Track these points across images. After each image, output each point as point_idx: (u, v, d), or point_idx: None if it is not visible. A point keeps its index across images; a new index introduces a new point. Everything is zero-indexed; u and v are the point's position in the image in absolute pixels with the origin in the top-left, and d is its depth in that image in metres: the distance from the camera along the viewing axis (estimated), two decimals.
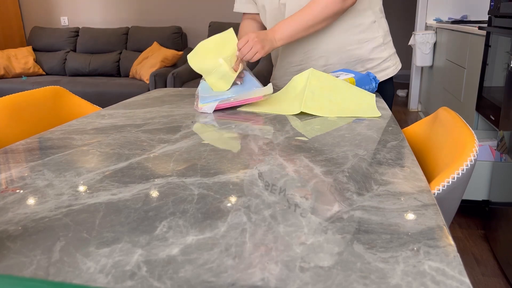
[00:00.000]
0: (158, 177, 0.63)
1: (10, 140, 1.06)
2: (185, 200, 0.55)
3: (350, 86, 1.05)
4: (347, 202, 0.53)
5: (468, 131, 0.71)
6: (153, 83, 3.42)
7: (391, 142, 0.78)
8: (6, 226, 0.49)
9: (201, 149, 0.76)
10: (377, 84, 1.23)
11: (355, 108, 0.99)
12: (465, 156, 0.64)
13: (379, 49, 1.24)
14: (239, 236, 0.45)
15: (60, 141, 0.84)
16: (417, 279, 0.37)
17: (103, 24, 4.39)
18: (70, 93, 1.31)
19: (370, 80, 1.20)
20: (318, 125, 0.91)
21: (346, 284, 0.37)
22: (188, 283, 0.37)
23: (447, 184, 0.61)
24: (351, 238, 0.44)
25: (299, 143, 0.79)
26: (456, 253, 0.41)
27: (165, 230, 0.47)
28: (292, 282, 0.37)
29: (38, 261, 0.42)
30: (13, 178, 0.64)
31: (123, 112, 1.09)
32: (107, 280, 0.38)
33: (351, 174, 0.62)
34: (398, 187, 0.57)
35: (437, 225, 0.46)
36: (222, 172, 0.65)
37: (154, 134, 0.87)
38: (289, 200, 0.54)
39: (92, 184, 0.61)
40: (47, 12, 4.47)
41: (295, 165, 0.67)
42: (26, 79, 3.85)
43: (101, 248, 0.44)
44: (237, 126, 0.92)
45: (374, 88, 1.21)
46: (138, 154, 0.74)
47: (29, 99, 1.17)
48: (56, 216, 0.51)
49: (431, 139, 0.86)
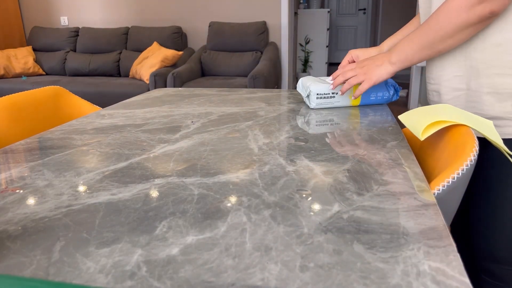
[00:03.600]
0: (158, 177, 0.63)
1: (10, 140, 1.06)
2: (185, 200, 0.55)
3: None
4: (347, 202, 0.53)
5: (468, 130, 0.71)
6: (153, 83, 3.42)
7: (391, 142, 0.78)
8: (6, 226, 0.49)
9: (201, 149, 0.76)
10: (398, 92, 1.08)
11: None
12: (465, 156, 0.64)
13: None
14: (239, 236, 0.45)
15: (60, 141, 0.84)
16: (417, 279, 0.37)
17: (103, 24, 4.39)
18: (70, 93, 1.31)
19: (388, 86, 1.04)
20: (319, 125, 0.91)
21: (346, 284, 0.37)
22: (188, 283, 0.37)
23: (447, 184, 0.61)
24: (351, 238, 0.44)
25: (299, 143, 0.79)
26: (456, 253, 0.41)
27: (165, 230, 0.47)
28: (292, 282, 0.37)
29: (38, 261, 0.42)
30: (13, 178, 0.64)
31: (123, 112, 1.09)
32: (107, 280, 0.38)
33: (351, 174, 0.62)
34: (398, 187, 0.57)
35: (437, 225, 0.46)
36: (222, 172, 0.65)
37: (154, 134, 0.87)
38: (289, 200, 0.54)
39: (92, 184, 0.61)
40: (47, 12, 4.47)
41: (295, 165, 0.67)
42: (26, 79, 3.85)
43: (101, 248, 0.44)
44: (237, 126, 0.92)
45: (390, 96, 1.08)
46: (138, 154, 0.74)
47: (29, 99, 1.17)
48: (56, 216, 0.51)
49: (431, 139, 0.86)
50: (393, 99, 1.10)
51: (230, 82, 3.44)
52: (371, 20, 6.84)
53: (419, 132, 0.72)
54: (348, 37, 7.10)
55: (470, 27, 0.78)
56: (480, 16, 0.76)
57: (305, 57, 5.49)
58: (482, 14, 0.75)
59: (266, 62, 3.47)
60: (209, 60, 3.82)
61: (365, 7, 6.87)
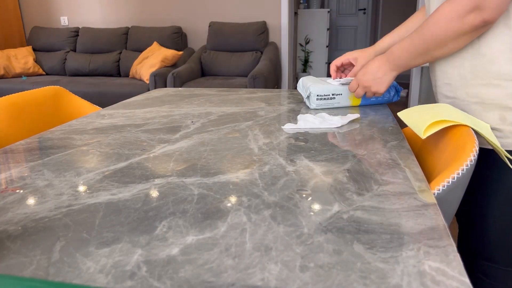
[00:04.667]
0: (158, 177, 0.63)
1: (10, 140, 1.06)
2: (185, 200, 0.55)
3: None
4: (347, 202, 0.53)
5: (468, 131, 0.71)
6: (153, 83, 3.42)
7: (391, 142, 0.78)
8: (6, 226, 0.49)
9: (201, 149, 0.76)
10: (399, 92, 1.08)
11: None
12: (465, 156, 0.64)
13: None
14: (239, 236, 0.45)
15: (60, 141, 0.84)
16: (417, 279, 0.37)
17: (103, 24, 4.39)
18: (70, 93, 1.31)
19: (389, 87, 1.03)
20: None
21: (346, 284, 0.37)
22: (188, 283, 0.37)
23: (447, 184, 0.61)
24: (351, 238, 0.44)
25: (299, 143, 0.79)
26: (456, 253, 0.41)
27: (165, 230, 0.47)
28: (292, 282, 0.37)
29: (38, 261, 0.42)
30: (13, 178, 0.64)
31: (123, 112, 1.09)
32: (107, 280, 0.38)
33: (351, 174, 0.62)
34: (398, 187, 0.57)
35: (437, 225, 0.46)
36: (222, 172, 0.65)
37: (154, 134, 0.87)
38: (289, 200, 0.54)
39: (92, 184, 0.61)
40: (47, 12, 4.47)
41: (295, 165, 0.67)
42: (26, 79, 3.85)
43: (101, 248, 0.44)
44: (237, 126, 0.92)
45: (390, 97, 1.08)
46: (138, 154, 0.74)
47: (29, 99, 1.17)
48: (56, 216, 0.51)
49: (431, 139, 0.86)
50: (394, 99, 1.10)
51: (230, 82, 3.44)
52: (371, 20, 6.84)
53: (421, 130, 0.72)
54: (348, 37, 7.09)
55: (463, 35, 0.77)
56: (472, 26, 0.74)
57: (305, 57, 5.49)
58: (474, 23, 0.74)
59: (266, 62, 3.47)
60: (209, 60, 3.81)
61: (365, 7, 6.86)
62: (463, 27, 0.75)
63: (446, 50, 0.81)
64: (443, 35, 0.79)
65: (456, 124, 0.73)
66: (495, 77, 0.77)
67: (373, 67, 0.94)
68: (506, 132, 0.78)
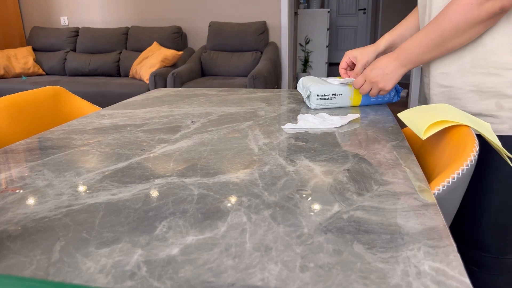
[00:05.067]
0: (158, 177, 0.63)
1: (10, 140, 1.06)
2: (185, 200, 0.55)
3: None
4: (347, 202, 0.53)
5: (469, 131, 0.71)
6: (153, 83, 3.42)
7: (391, 142, 0.78)
8: (6, 226, 0.49)
9: (201, 149, 0.76)
10: (399, 93, 1.08)
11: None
12: (465, 156, 0.64)
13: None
14: (239, 236, 0.45)
15: (60, 141, 0.84)
16: (417, 279, 0.37)
17: (103, 24, 4.39)
18: (70, 93, 1.31)
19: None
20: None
21: (346, 284, 0.37)
22: (188, 283, 0.37)
23: (447, 184, 0.61)
24: (351, 238, 0.44)
25: (299, 143, 0.79)
26: (456, 253, 0.41)
27: (165, 230, 0.47)
28: (292, 282, 0.37)
29: (38, 261, 0.42)
30: (13, 178, 0.64)
31: (123, 112, 1.09)
32: (107, 280, 0.38)
33: (351, 174, 0.62)
34: (398, 187, 0.57)
35: (437, 225, 0.46)
36: (222, 172, 0.65)
37: (154, 134, 0.87)
38: (289, 200, 0.54)
39: (92, 184, 0.61)
40: (47, 12, 4.47)
41: (295, 165, 0.67)
42: (26, 79, 3.85)
43: (101, 248, 0.43)
44: (237, 126, 0.92)
45: (391, 98, 1.08)
46: (138, 154, 0.74)
47: (29, 99, 1.17)
48: (56, 216, 0.51)
49: (431, 139, 0.86)
50: (394, 100, 1.10)
51: (230, 82, 3.44)
52: (371, 20, 6.84)
53: (421, 131, 0.72)
54: (348, 37, 7.09)
55: (480, 23, 0.78)
56: (490, 13, 0.76)
57: (305, 57, 5.49)
58: (492, 10, 0.75)
59: (266, 62, 3.47)
60: (209, 60, 3.81)
61: (365, 7, 6.86)
62: (481, 13, 0.76)
63: (462, 40, 0.81)
64: (462, 23, 0.79)
65: (456, 124, 0.73)
66: (494, 66, 0.80)
67: (382, 63, 0.94)
68: (503, 118, 0.80)
